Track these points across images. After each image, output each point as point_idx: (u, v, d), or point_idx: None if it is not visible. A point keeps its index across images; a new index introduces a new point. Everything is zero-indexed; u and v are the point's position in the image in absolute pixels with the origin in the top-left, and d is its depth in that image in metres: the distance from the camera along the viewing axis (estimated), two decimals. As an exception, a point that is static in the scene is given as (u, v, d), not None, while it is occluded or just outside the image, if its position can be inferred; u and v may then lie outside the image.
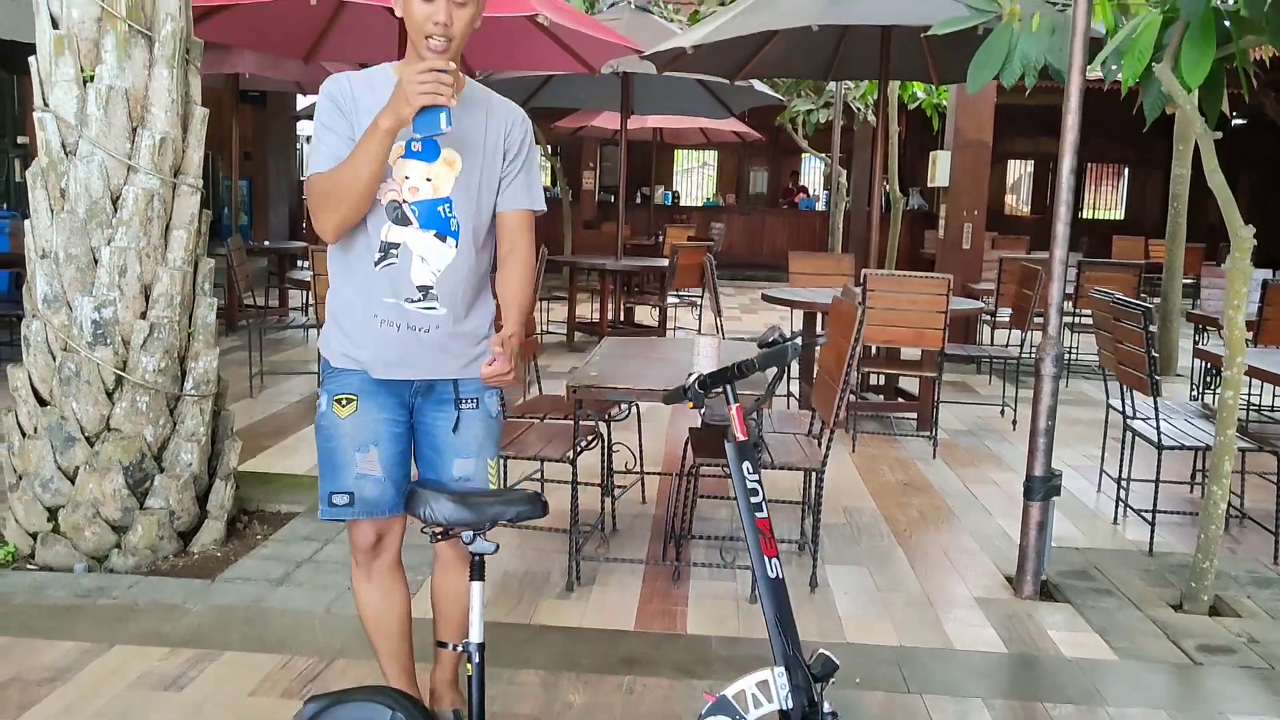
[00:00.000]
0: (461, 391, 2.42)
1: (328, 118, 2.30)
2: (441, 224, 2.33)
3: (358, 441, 2.35)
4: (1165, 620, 3.64)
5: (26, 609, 3.36)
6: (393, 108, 2.16)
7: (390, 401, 2.38)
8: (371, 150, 2.18)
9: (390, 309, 2.32)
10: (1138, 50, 3.75)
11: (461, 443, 2.42)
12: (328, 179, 2.25)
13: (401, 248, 2.31)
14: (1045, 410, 3.69)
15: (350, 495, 2.36)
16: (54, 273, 3.78)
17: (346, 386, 2.37)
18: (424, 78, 2.12)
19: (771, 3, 5.70)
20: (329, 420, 2.38)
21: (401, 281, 2.32)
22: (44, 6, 3.79)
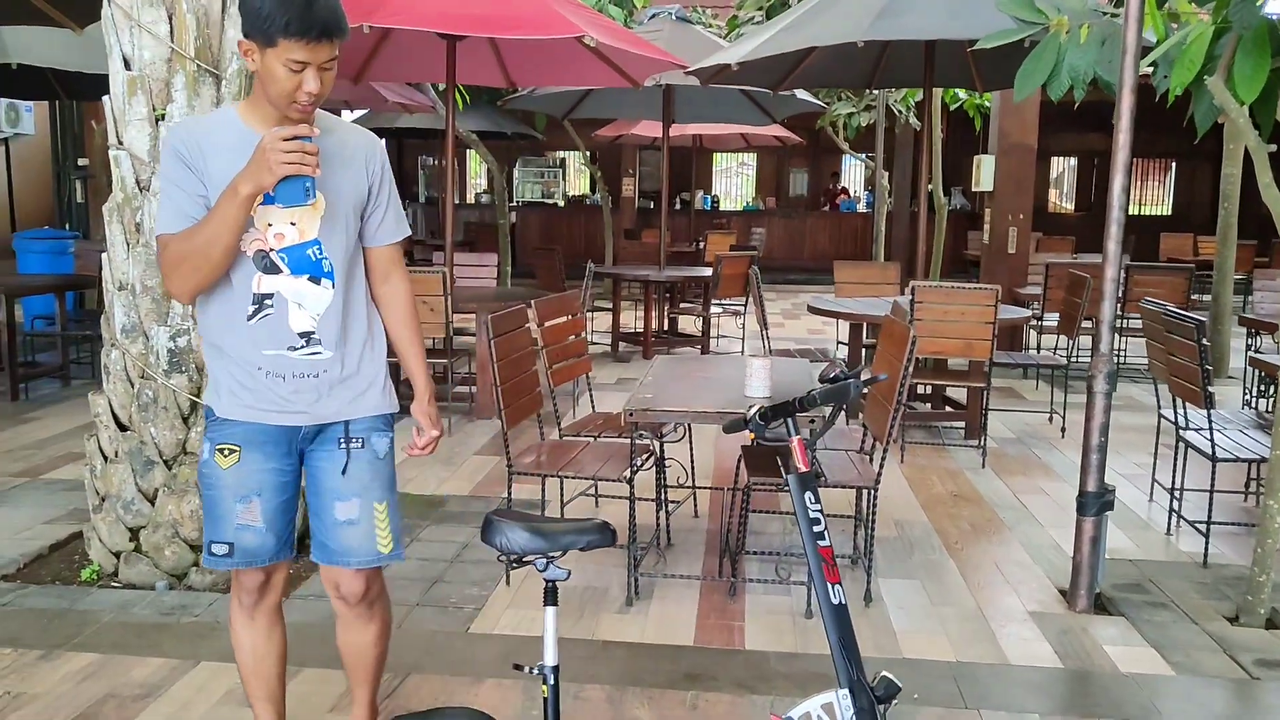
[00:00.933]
0: (351, 431, 2.37)
1: (174, 173, 2.21)
2: (313, 267, 2.28)
3: (238, 493, 2.32)
4: (1221, 634, 3.66)
5: (115, 626, 3.53)
6: (253, 174, 2.09)
7: (277, 451, 2.34)
8: (229, 216, 2.12)
9: (273, 360, 2.28)
10: (1187, 60, 3.76)
11: (344, 485, 2.36)
12: (182, 243, 2.16)
13: (275, 297, 2.26)
14: (1098, 427, 3.73)
15: (230, 546, 2.34)
16: (131, 304, 3.95)
17: (230, 436, 2.32)
18: (288, 147, 2.06)
19: (815, 18, 5.76)
20: (210, 469, 2.34)
21: (281, 331, 2.27)
22: (117, 49, 3.95)
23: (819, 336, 10.71)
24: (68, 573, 4.05)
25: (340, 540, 2.38)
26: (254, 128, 2.23)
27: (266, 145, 2.07)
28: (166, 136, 2.26)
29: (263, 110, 2.23)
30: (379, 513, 2.40)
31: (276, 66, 2.12)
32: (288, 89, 2.13)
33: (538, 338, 4.26)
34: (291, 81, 2.13)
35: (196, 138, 2.23)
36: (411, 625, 3.57)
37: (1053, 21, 4.45)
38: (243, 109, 2.27)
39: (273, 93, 2.16)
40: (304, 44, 2.09)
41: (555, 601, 2.33)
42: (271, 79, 2.14)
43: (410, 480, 5.29)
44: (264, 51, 2.12)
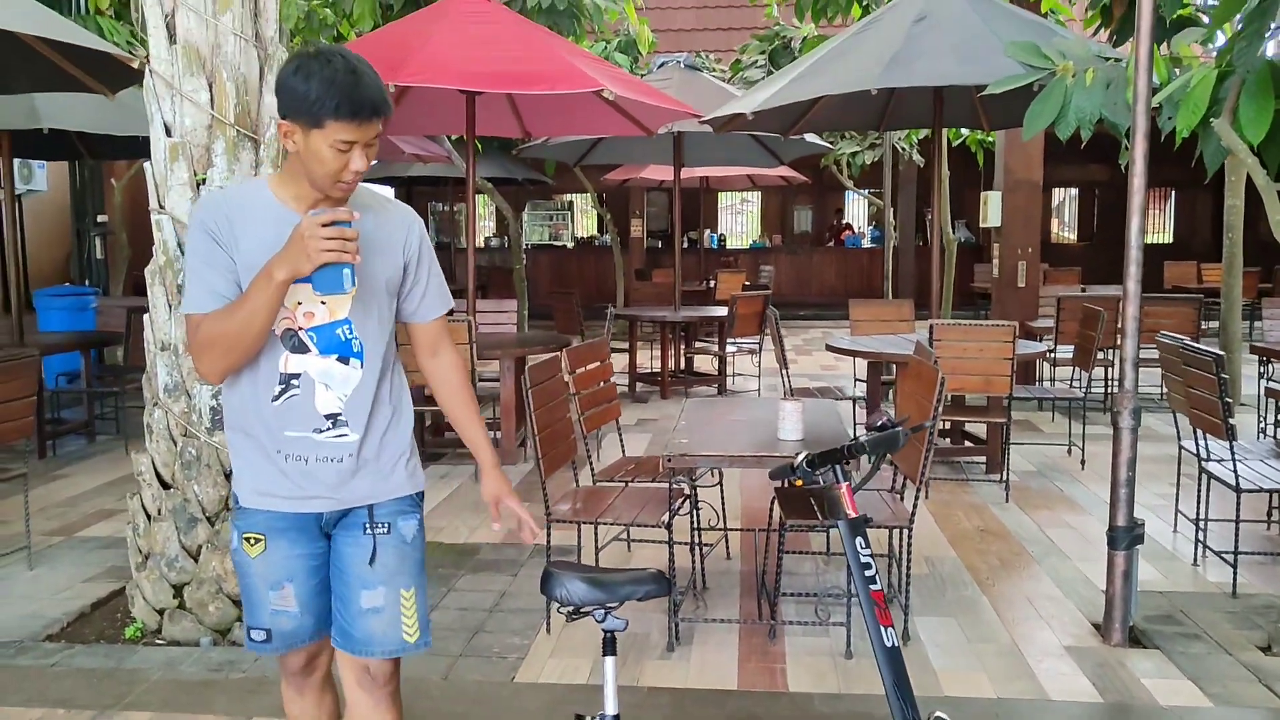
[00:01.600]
0: (376, 515, 2.28)
1: (203, 249, 2.13)
2: (343, 347, 2.20)
3: (269, 580, 2.27)
4: (1256, 664, 3.71)
5: (164, 684, 3.58)
6: (290, 260, 2.01)
7: (302, 536, 2.27)
8: (264, 301, 2.05)
9: (296, 443, 2.20)
10: (1192, 104, 3.87)
11: (372, 574, 2.27)
12: (214, 325, 2.09)
13: (303, 377, 2.18)
14: (1125, 462, 3.80)
15: (267, 631, 2.30)
16: (174, 364, 4.04)
17: (254, 525, 2.26)
18: (328, 233, 1.99)
19: (828, 67, 5.90)
20: (240, 557, 2.29)
21: (307, 412, 2.19)
22: (158, 116, 4.07)
23: (831, 373, 10.79)
24: (111, 631, 4.11)
25: (364, 628, 2.27)
26: (288, 204, 2.17)
27: (305, 231, 2.00)
28: (194, 212, 2.17)
29: (299, 187, 2.17)
30: (405, 600, 2.29)
31: (323, 148, 2.06)
32: (334, 169, 2.08)
33: (570, 385, 4.34)
34: (338, 162, 2.08)
35: (226, 212, 2.15)
36: (456, 676, 3.62)
37: (1059, 66, 4.58)
38: (275, 183, 2.21)
39: (317, 174, 2.10)
40: (354, 125, 2.05)
41: (614, 651, 2.38)
42: (316, 160, 2.08)
43: (441, 530, 5.35)
44: (309, 133, 2.06)
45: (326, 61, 2.04)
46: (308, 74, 2.03)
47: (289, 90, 2.06)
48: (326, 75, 2.03)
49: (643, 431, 7.72)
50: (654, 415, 8.46)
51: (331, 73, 2.03)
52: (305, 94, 2.04)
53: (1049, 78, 4.61)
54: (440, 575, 4.64)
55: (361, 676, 2.31)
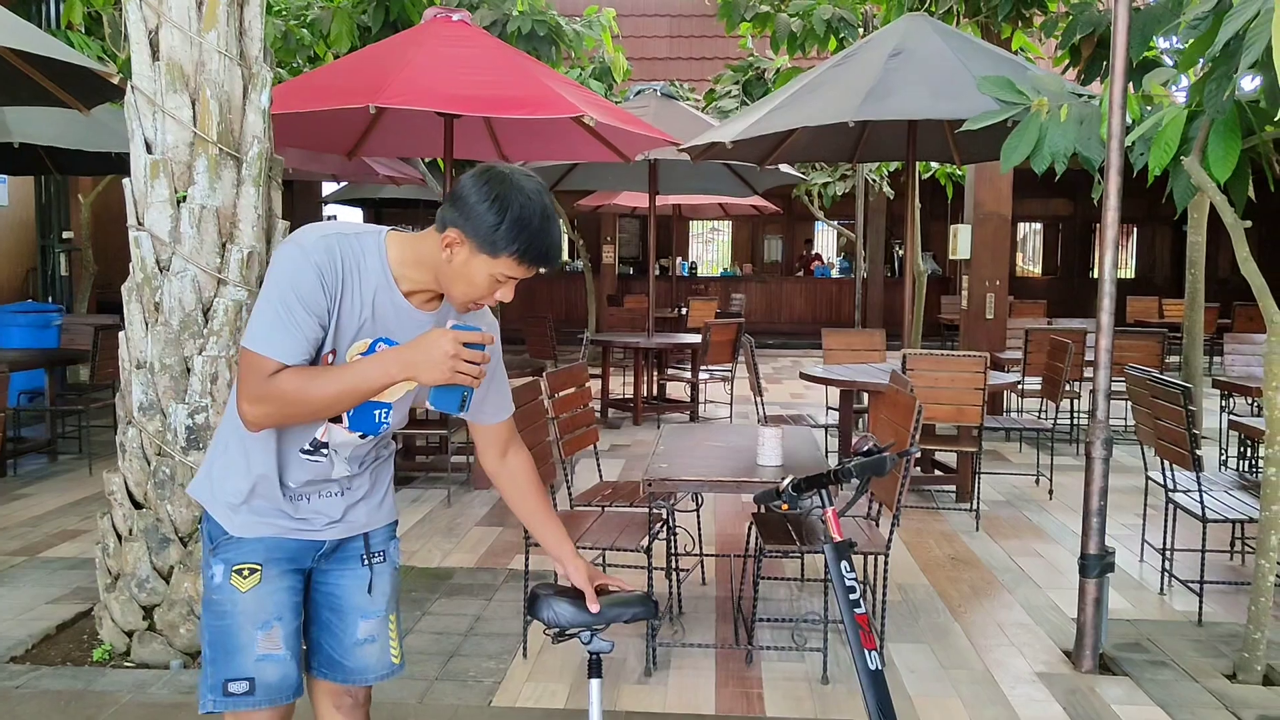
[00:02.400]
0: (372, 545, 2.25)
1: (309, 295, 1.93)
2: (371, 426, 2.14)
3: (259, 619, 2.08)
4: (1222, 691, 3.77)
5: (134, 706, 3.52)
6: (417, 365, 1.91)
7: (292, 568, 2.15)
8: (365, 389, 1.95)
9: (306, 486, 2.14)
10: (1164, 142, 3.98)
11: (371, 603, 2.23)
12: (296, 383, 1.92)
13: (329, 448, 2.12)
14: (1097, 491, 3.86)
15: (250, 682, 2.08)
16: (149, 382, 4.00)
17: (249, 554, 2.09)
18: (471, 356, 1.91)
19: (805, 99, 5.99)
20: (225, 595, 2.09)
21: (320, 475, 2.14)
22: (139, 133, 4.05)
23: (801, 401, 10.86)
24: (78, 653, 4.03)
25: (358, 659, 2.24)
26: (399, 285, 2.02)
27: (448, 349, 1.89)
28: (310, 247, 1.95)
29: (419, 274, 2.02)
30: (392, 625, 2.29)
31: (482, 274, 1.93)
32: (481, 294, 1.97)
33: (549, 409, 4.35)
34: (489, 289, 1.96)
35: (346, 264, 1.97)
36: (433, 700, 3.60)
37: (1034, 102, 4.69)
38: (393, 248, 2.02)
39: (459, 291, 1.97)
40: (527, 268, 1.94)
41: (600, 674, 2.38)
42: (468, 282, 1.95)
43: (414, 554, 5.31)
44: (476, 255, 1.92)
45: (526, 197, 1.91)
46: (503, 208, 1.89)
47: (476, 213, 1.90)
48: (521, 217, 1.89)
49: (616, 457, 7.73)
50: (627, 441, 8.47)
51: (529, 215, 1.90)
52: (494, 226, 1.89)
53: (1023, 113, 4.73)
54: (414, 599, 4.61)
55: (341, 700, 2.28)
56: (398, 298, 2.03)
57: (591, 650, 2.35)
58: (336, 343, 2.01)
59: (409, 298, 2.04)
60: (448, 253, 1.94)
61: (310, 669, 2.27)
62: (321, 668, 2.26)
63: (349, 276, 1.98)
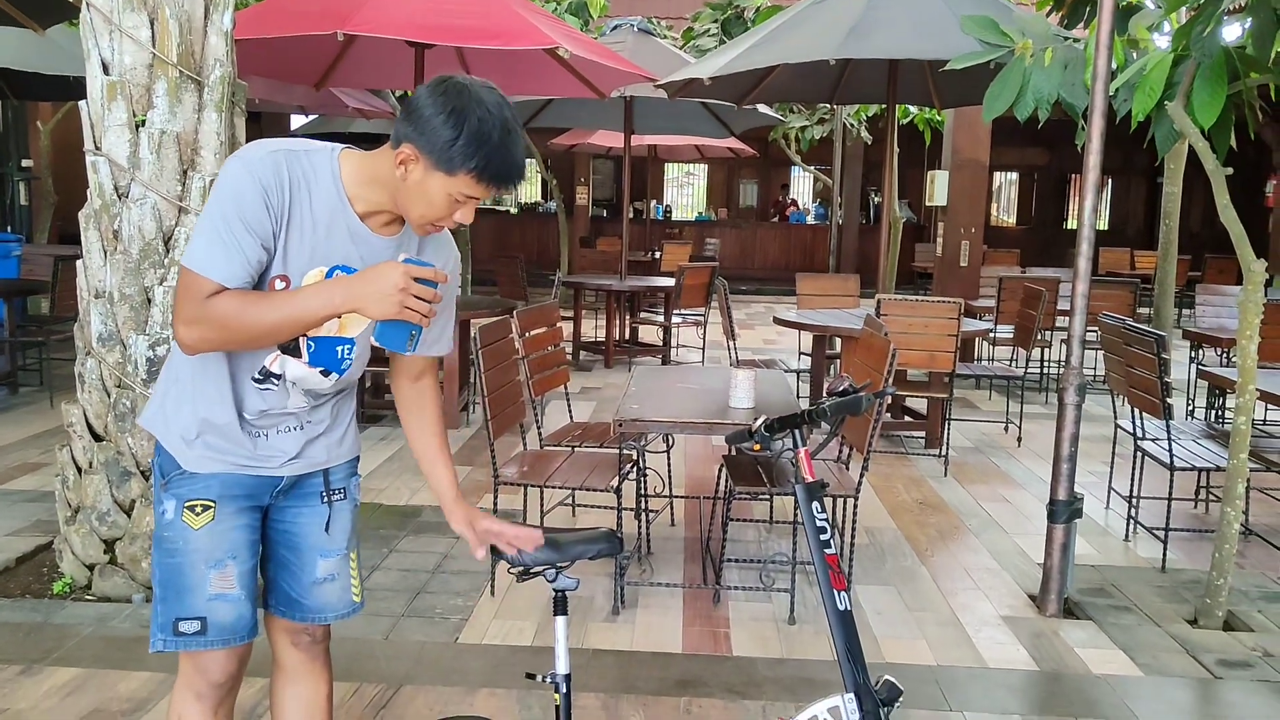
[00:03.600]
0: (332, 482, 2.16)
1: (251, 213, 1.82)
2: (333, 363, 2.04)
3: (212, 556, 1.99)
4: (1183, 636, 3.82)
5: (95, 640, 3.47)
6: (365, 298, 1.82)
7: (249, 504, 2.06)
8: (308, 319, 1.86)
9: (260, 417, 2.03)
10: (1148, 87, 3.92)
11: (330, 541, 2.16)
12: (236, 307, 1.82)
13: (282, 379, 2.01)
14: (1068, 437, 3.86)
15: (202, 621, 1.99)
16: (108, 312, 3.89)
17: (203, 490, 1.99)
18: (422, 293, 1.83)
19: (786, 36, 5.87)
20: (176, 531, 1.99)
21: (276, 406, 2.03)
22: (95, 53, 3.89)
23: (773, 347, 10.85)
24: (38, 586, 3.97)
25: (317, 597, 2.17)
26: (353, 205, 1.91)
27: (398, 282, 1.81)
28: (255, 163, 1.84)
29: (374, 194, 1.91)
30: (353, 562, 2.22)
31: (439, 193, 1.82)
32: (439, 215, 1.86)
33: (520, 348, 4.28)
34: (447, 210, 1.85)
35: (288, 177, 1.86)
36: (399, 636, 3.57)
37: (1018, 45, 4.60)
38: (348, 172, 1.91)
39: (416, 211, 1.86)
40: (486, 187, 1.83)
41: (565, 611, 2.35)
42: (424, 201, 1.84)
43: (382, 491, 5.27)
44: (431, 174, 1.80)
45: (485, 110, 1.78)
46: (460, 121, 1.76)
47: (431, 130, 1.77)
48: (482, 132, 1.77)
49: (587, 399, 7.69)
50: (598, 384, 8.43)
51: (488, 130, 1.77)
52: (450, 141, 1.77)
53: (1007, 55, 4.65)
54: (382, 536, 4.57)
55: (298, 637, 2.23)
56: (353, 220, 1.92)
57: (556, 588, 2.32)
58: (288, 268, 1.89)
59: (366, 220, 1.93)
60: (402, 170, 1.82)
61: (267, 606, 2.21)
62: (279, 606, 2.19)
63: (298, 195, 1.86)
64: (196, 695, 2.08)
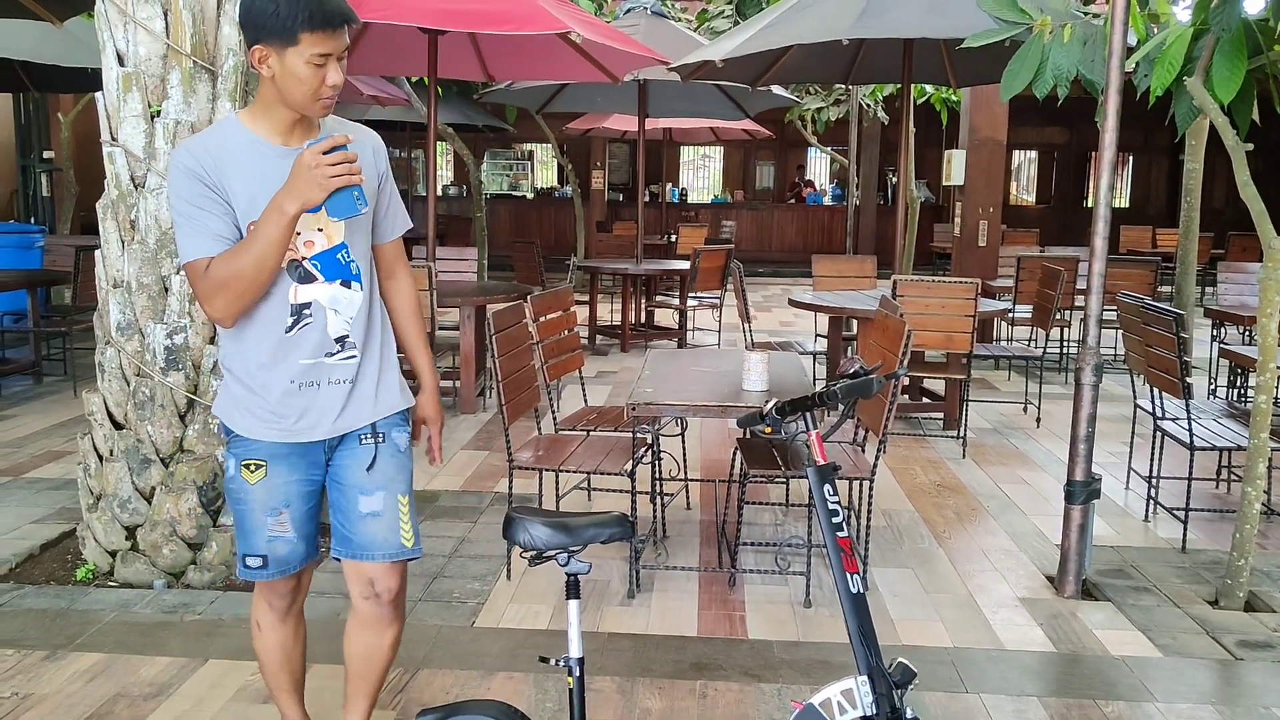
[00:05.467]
0: (375, 427, 2.41)
1: (197, 196, 2.14)
2: (344, 271, 2.30)
3: (268, 506, 2.33)
4: (1203, 617, 3.79)
5: (117, 625, 3.52)
6: (300, 191, 2.06)
7: (303, 462, 2.35)
8: (276, 235, 2.09)
9: (309, 370, 2.29)
10: (1167, 61, 3.87)
11: (369, 480, 2.38)
12: (224, 267, 2.12)
13: (314, 305, 2.26)
14: (1085, 418, 3.84)
15: (263, 558, 2.37)
16: (126, 301, 3.92)
17: (255, 452, 2.32)
18: (334, 158, 2.04)
19: (799, 16, 5.83)
20: (237, 485, 2.34)
21: (319, 338, 2.28)
22: (110, 45, 3.91)
23: (790, 329, 10.82)
24: (62, 572, 4.02)
25: (364, 534, 2.38)
26: (267, 138, 2.22)
27: (310, 162, 2.04)
28: (177, 159, 2.16)
29: (273, 116, 2.21)
30: (402, 506, 2.41)
31: (299, 65, 2.10)
32: (313, 86, 2.12)
33: (534, 333, 4.29)
34: (316, 78, 2.12)
35: (211, 156, 2.17)
36: (416, 620, 3.60)
37: (1036, 22, 4.55)
38: (247, 119, 2.23)
39: (297, 95, 2.14)
40: (326, 35, 2.08)
41: (578, 594, 2.36)
42: (295, 80, 2.12)
43: (400, 476, 5.29)
44: (284, 53, 2.09)
45: None
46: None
47: (257, 13, 2.08)
48: None
49: (603, 383, 7.70)
50: (614, 368, 8.43)
51: None
52: (275, 12, 2.06)
53: (1025, 33, 4.59)
54: (399, 521, 4.60)
55: (366, 589, 2.42)
56: (274, 149, 2.20)
57: (569, 572, 2.33)
58: (254, 213, 2.15)
59: (289, 140, 2.22)
60: (265, 69, 2.12)
61: (332, 548, 2.44)
62: (338, 545, 2.42)
63: (226, 163, 2.16)
64: (269, 606, 2.49)
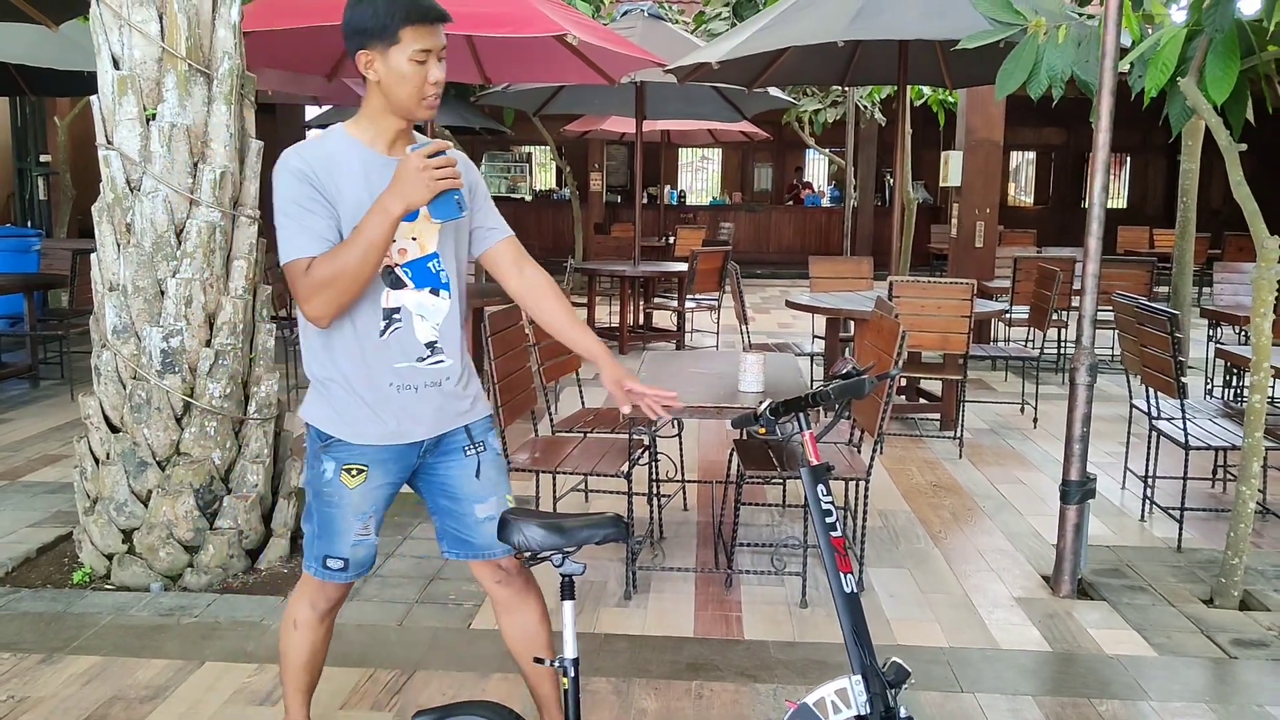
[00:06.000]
0: (473, 435, 2.47)
1: (304, 198, 2.21)
2: (434, 279, 2.35)
3: (360, 510, 2.39)
4: (1198, 616, 3.80)
5: (114, 628, 3.52)
6: (405, 193, 2.13)
7: (398, 467, 2.41)
8: (379, 236, 2.15)
9: (404, 373, 2.34)
10: (1161, 62, 3.88)
11: (481, 487, 2.47)
12: (326, 267, 2.18)
13: (402, 311, 2.32)
14: (1080, 417, 3.85)
15: (345, 561, 2.42)
16: (122, 304, 3.93)
17: (358, 456, 2.36)
18: (438, 163, 2.12)
19: (794, 18, 5.84)
20: (334, 489, 2.37)
21: (409, 343, 2.34)
22: (105, 48, 3.92)
23: (788, 331, 10.83)
24: (59, 576, 4.03)
25: (484, 535, 2.48)
26: (376, 149, 2.28)
27: (415, 165, 2.12)
28: (285, 162, 2.23)
29: (379, 125, 2.28)
30: (509, 503, 2.52)
31: (403, 63, 2.18)
32: (417, 84, 2.20)
33: (530, 335, 4.30)
34: (419, 75, 2.19)
35: (323, 162, 2.24)
36: (412, 622, 3.61)
37: (1031, 23, 4.56)
38: (353, 130, 2.30)
39: (402, 94, 2.21)
40: (425, 29, 2.17)
41: (572, 595, 2.37)
42: (399, 79, 2.19)
43: (397, 478, 5.30)
44: (386, 53, 2.18)
45: None
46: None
47: (358, 19, 2.17)
48: None
49: (600, 385, 7.67)
50: (612, 369, 8.42)
51: None
52: (374, 14, 2.15)
53: (1020, 34, 4.60)
54: (397, 524, 4.61)
55: (496, 573, 2.55)
56: (380, 158, 2.27)
57: (563, 573, 2.34)
58: (357, 218, 2.21)
59: (393, 149, 2.29)
60: (371, 73, 2.19)
61: (444, 552, 2.54)
62: (454, 548, 2.52)
63: (334, 166, 2.23)
64: (311, 605, 2.53)
